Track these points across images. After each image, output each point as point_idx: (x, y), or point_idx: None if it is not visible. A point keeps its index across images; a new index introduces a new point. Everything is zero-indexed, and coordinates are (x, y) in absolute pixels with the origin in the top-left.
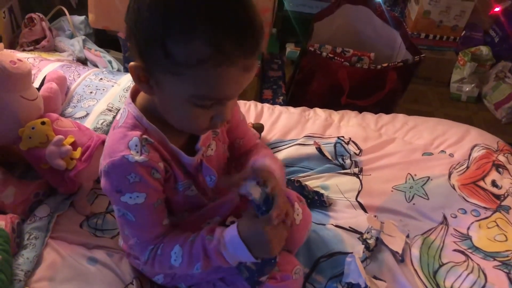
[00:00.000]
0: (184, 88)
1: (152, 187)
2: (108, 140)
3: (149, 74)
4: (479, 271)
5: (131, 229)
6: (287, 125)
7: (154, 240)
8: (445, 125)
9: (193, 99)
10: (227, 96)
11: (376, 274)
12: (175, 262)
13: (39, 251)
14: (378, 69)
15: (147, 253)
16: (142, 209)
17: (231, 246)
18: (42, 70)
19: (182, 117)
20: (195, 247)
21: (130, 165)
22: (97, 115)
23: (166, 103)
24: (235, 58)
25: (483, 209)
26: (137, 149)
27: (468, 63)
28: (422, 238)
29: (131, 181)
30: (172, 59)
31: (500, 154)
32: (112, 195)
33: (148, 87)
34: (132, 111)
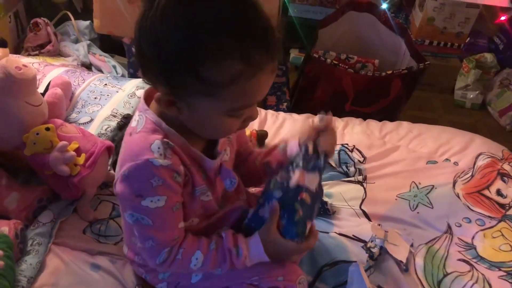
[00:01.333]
0: (221, 105)
1: (174, 190)
2: (127, 145)
3: (177, 98)
4: (484, 281)
5: (147, 233)
6: (291, 132)
7: (170, 243)
8: (449, 133)
9: (228, 112)
10: (260, 99)
11: (380, 283)
12: (194, 267)
13: (42, 257)
14: (382, 76)
15: (162, 255)
16: (162, 213)
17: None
18: (47, 75)
19: (216, 128)
20: (220, 255)
21: (154, 168)
22: (102, 121)
23: (198, 120)
24: (264, 65)
25: (488, 218)
26: (160, 151)
27: (472, 70)
28: (426, 247)
29: (154, 184)
30: (206, 83)
31: (505, 163)
32: (130, 200)
33: (176, 110)
34: (151, 117)
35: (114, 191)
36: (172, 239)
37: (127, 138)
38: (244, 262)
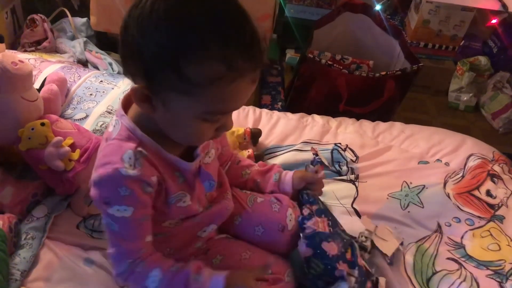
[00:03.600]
0: (196, 106)
1: (142, 202)
2: (101, 152)
3: (153, 94)
4: (472, 280)
5: (113, 239)
6: (285, 131)
7: (132, 254)
8: (441, 134)
9: (203, 115)
10: (236, 108)
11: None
12: (151, 285)
13: (36, 251)
14: (376, 77)
15: (123, 266)
16: (128, 223)
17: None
18: (43, 71)
19: (188, 133)
20: (178, 279)
21: (122, 178)
22: (97, 117)
23: (170, 121)
24: (246, 73)
25: (477, 218)
26: (130, 162)
27: (466, 72)
28: (416, 246)
29: (121, 194)
30: (185, 80)
31: (496, 164)
32: (99, 206)
33: (150, 106)
34: (126, 123)
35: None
36: (137, 250)
37: (102, 144)
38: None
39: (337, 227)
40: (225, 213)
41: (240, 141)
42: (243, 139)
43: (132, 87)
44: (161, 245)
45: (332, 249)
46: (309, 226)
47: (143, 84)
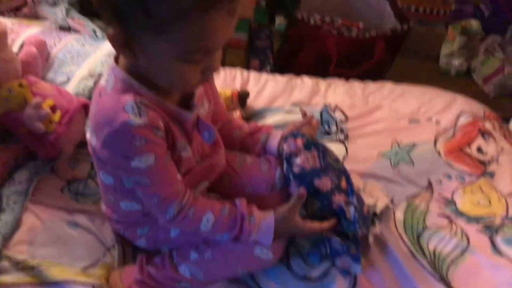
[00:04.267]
0: (171, 45)
1: (159, 145)
2: (98, 108)
3: (130, 38)
4: (462, 235)
5: (149, 192)
6: (273, 93)
7: (175, 196)
8: (432, 93)
9: (182, 56)
10: (216, 44)
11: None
12: (204, 227)
13: (18, 215)
14: (366, 38)
15: (171, 211)
16: (156, 170)
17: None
18: (21, 34)
19: (172, 76)
20: (230, 221)
21: (132, 129)
22: (79, 81)
23: (152, 65)
24: (218, 3)
25: (468, 175)
26: (134, 111)
27: (457, 37)
28: (407, 203)
29: (137, 145)
30: (154, 17)
31: (487, 121)
32: (119, 164)
33: (130, 52)
34: (119, 75)
35: (92, 151)
36: (176, 191)
37: (97, 99)
38: (251, 231)
39: (328, 156)
40: (217, 169)
41: (227, 103)
42: (231, 101)
43: (107, 32)
44: None
45: (325, 184)
46: (298, 164)
47: (117, 28)
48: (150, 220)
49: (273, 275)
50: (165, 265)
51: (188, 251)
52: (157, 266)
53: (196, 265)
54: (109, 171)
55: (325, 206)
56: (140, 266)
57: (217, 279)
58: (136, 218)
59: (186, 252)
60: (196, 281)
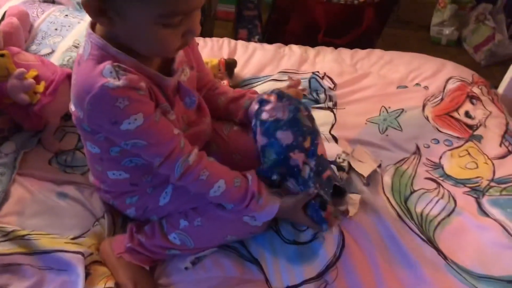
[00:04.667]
0: (149, 10)
1: (144, 103)
2: (77, 77)
3: (106, 5)
4: (449, 197)
5: (149, 152)
6: (261, 62)
7: (178, 152)
8: (421, 59)
9: (160, 20)
10: (194, 6)
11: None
12: (213, 193)
13: (6, 187)
14: (355, 5)
15: (178, 168)
16: (148, 128)
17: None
18: (2, 6)
19: (152, 42)
20: (241, 194)
21: (112, 91)
22: (63, 52)
23: (131, 32)
24: None
25: (455, 139)
26: (112, 75)
27: (448, 5)
28: (395, 168)
29: (121, 107)
30: None
31: (475, 86)
32: (110, 130)
33: (107, 20)
34: (96, 42)
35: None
36: (177, 148)
37: (76, 69)
38: (255, 211)
39: (300, 113)
40: (203, 137)
41: (214, 72)
42: (218, 70)
43: (83, 2)
44: (139, 171)
45: (286, 138)
46: (266, 111)
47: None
48: (138, 189)
49: (262, 240)
50: (155, 234)
51: (177, 219)
52: (147, 235)
53: (186, 232)
54: (95, 141)
55: (281, 160)
56: (130, 235)
57: (207, 245)
58: (124, 188)
59: (175, 220)
60: (186, 248)
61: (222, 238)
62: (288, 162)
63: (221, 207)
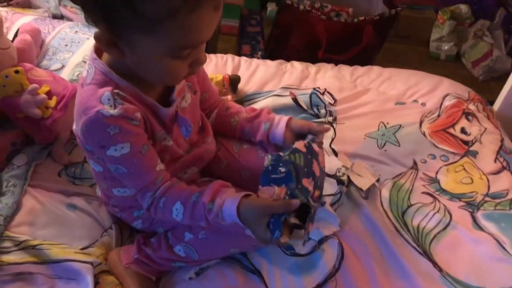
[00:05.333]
0: (160, 43)
1: (134, 134)
2: (79, 98)
3: (117, 37)
4: (445, 211)
5: (127, 180)
6: (264, 78)
7: (150, 187)
8: (418, 76)
9: (171, 52)
10: (204, 39)
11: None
12: (176, 217)
13: (18, 198)
14: (355, 23)
15: (146, 200)
16: (131, 158)
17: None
18: (15, 23)
19: (160, 72)
20: (197, 211)
21: (106, 118)
22: (73, 67)
23: (140, 62)
24: (206, 1)
25: (451, 154)
26: (110, 103)
27: (447, 21)
28: (392, 182)
29: (111, 133)
30: (143, 17)
31: (471, 103)
32: (98, 153)
33: (118, 51)
34: (99, 67)
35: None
36: (153, 181)
37: (79, 90)
38: (217, 220)
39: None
40: (206, 157)
41: (219, 88)
42: (222, 86)
43: (95, 33)
44: None
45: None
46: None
47: (105, 29)
48: None
49: (264, 252)
50: (161, 246)
51: (182, 232)
52: (153, 247)
53: (190, 245)
54: (96, 160)
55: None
56: (137, 246)
57: (211, 257)
58: (131, 202)
59: (180, 233)
60: (191, 260)
61: (225, 251)
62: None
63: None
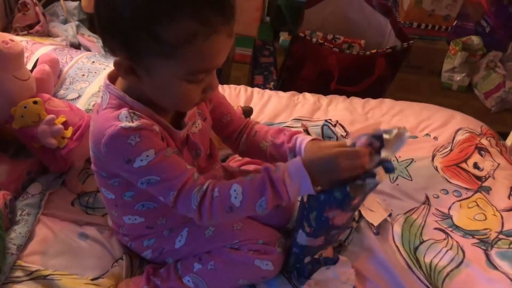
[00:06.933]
0: (178, 68)
1: (156, 140)
2: (95, 124)
3: (135, 64)
4: (458, 248)
5: (162, 189)
6: (276, 109)
7: (191, 184)
8: (430, 109)
9: (187, 77)
10: (218, 64)
11: (356, 250)
12: (235, 200)
13: (31, 227)
14: (367, 55)
15: (194, 199)
16: (159, 163)
17: (294, 176)
18: (34, 53)
19: (176, 97)
20: (258, 181)
21: (126, 131)
22: (89, 97)
23: (157, 88)
24: (219, 27)
25: (464, 190)
26: (128, 119)
27: (459, 52)
28: (405, 217)
29: (133, 144)
30: (162, 43)
31: (483, 137)
32: (127, 170)
33: (135, 77)
34: (114, 92)
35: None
36: (190, 178)
37: (95, 116)
38: (284, 179)
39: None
40: None
41: None
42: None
43: (114, 61)
44: (153, 215)
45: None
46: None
47: (124, 55)
48: (155, 232)
49: (273, 286)
50: (170, 277)
51: (191, 262)
52: (162, 278)
53: (200, 276)
54: (109, 187)
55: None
56: (147, 277)
57: None
58: (141, 231)
59: (189, 264)
60: None
61: (234, 282)
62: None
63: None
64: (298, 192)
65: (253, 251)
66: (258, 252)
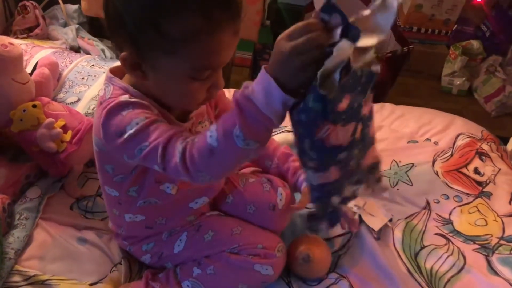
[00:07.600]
0: (183, 64)
1: (149, 112)
2: (99, 110)
3: (141, 60)
4: (459, 254)
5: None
6: None
7: (177, 137)
8: (431, 114)
9: (191, 73)
10: (223, 62)
11: (356, 255)
12: (211, 140)
13: (30, 231)
14: None
15: (177, 150)
16: (147, 127)
17: (258, 85)
18: (34, 56)
19: (181, 94)
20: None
21: (122, 102)
22: (89, 101)
23: (163, 84)
24: (225, 23)
25: (465, 195)
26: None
27: (459, 56)
28: (405, 222)
29: (124, 113)
30: (168, 38)
31: (484, 142)
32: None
33: (140, 73)
34: (117, 84)
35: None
36: (177, 133)
37: (98, 107)
38: (248, 94)
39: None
40: (216, 187)
41: None
42: None
43: (121, 55)
44: (154, 213)
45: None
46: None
47: (131, 50)
48: (154, 235)
49: None
50: (169, 281)
51: (191, 267)
52: (161, 282)
53: (199, 280)
54: (113, 184)
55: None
56: (145, 282)
57: None
58: (140, 231)
59: (189, 268)
60: None
61: (234, 287)
62: None
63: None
64: (267, 99)
65: (252, 255)
66: (258, 256)
